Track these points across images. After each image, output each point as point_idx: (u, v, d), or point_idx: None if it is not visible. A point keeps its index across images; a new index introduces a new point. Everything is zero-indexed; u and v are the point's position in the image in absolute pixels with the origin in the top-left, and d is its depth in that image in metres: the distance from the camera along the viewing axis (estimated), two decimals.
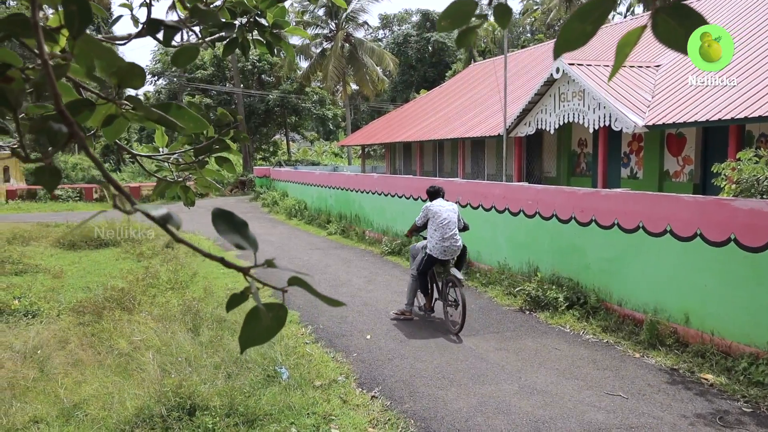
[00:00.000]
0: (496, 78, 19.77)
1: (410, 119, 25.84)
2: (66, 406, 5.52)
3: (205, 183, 3.45)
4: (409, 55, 53.51)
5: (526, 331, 7.65)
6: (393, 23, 68.47)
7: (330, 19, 34.43)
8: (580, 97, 12.75)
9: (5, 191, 27.86)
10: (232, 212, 1.12)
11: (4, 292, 9.47)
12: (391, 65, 34.07)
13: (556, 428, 4.95)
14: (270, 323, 1.17)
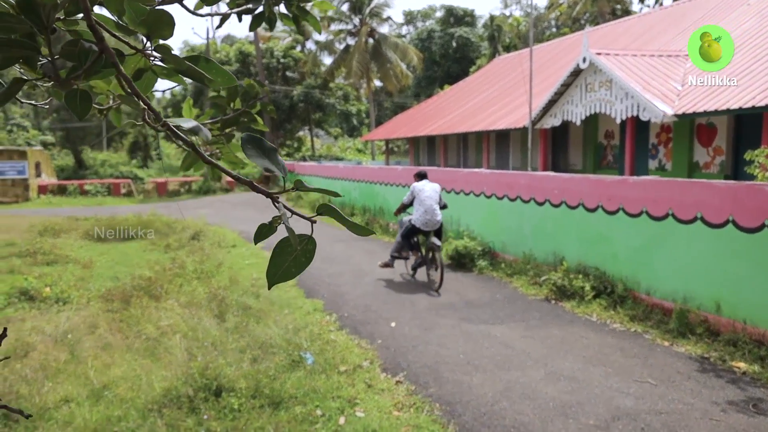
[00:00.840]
0: (522, 70, 19.61)
1: (434, 113, 25.74)
2: (95, 387, 5.62)
3: (232, 158, 3.48)
4: (433, 51, 53.27)
5: (552, 319, 7.57)
6: (417, 19, 68.28)
7: (354, 14, 34.44)
8: (607, 87, 12.56)
9: (37, 186, 28.43)
10: (262, 138, 1.11)
11: (36, 280, 9.66)
12: (415, 59, 33.96)
13: (583, 413, 4.89)
14: (299, 256, 1.16)
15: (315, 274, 10.66)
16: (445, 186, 12.74)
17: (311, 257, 1.16)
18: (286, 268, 1.16)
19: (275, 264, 1.15)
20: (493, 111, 19.72)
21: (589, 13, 45.17)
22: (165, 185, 29.98)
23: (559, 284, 8.43)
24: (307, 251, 1.15)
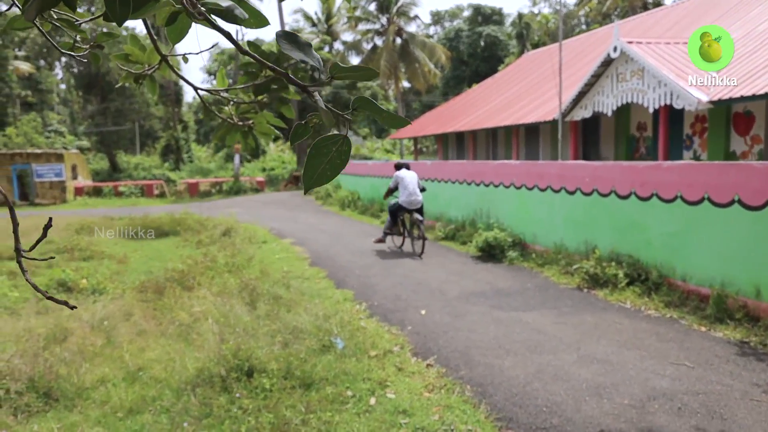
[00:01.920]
0: (551, 65, 19.41)
1: (462, 110, 25.63)
2: (131, 369, 5.72)
3: (264, 129, 3.51)
4: (461, 50, 53.08)
5: (585, 306, 7.46)
6: (444, 19, 68.16)
7: (381, 13, 34.50)
8: (639, 76, 12.35)
9: (73, 188, 29.11)
10: (296, 33, 1.12)
11: (73, 273, 9.89)
12: (443, 58, 33.87)
13: (618, 393, 4.80)
14: (334, 158, 1.16)
15: (345, 266, 10.71)
16: (474, 179, 12.68)
17: (346, 159, 1.15)
18: (322, 171, 1.15)
19: (311, 167, 1.14)
20: (523, 105, 19.55)
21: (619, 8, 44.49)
22: (196, 186, 30.43)
23: (591, 273, 8.31)
24: (342, 152, 1.14)
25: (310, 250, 12.81)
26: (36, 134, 35.69)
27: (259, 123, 3.47)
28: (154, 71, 3.04)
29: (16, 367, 5.38)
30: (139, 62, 3.05)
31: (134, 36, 3.14)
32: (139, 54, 3.05)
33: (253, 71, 3.15)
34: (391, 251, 12.09)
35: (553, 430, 4.30)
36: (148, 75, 3.04)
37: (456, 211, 13.55)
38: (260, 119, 3.42)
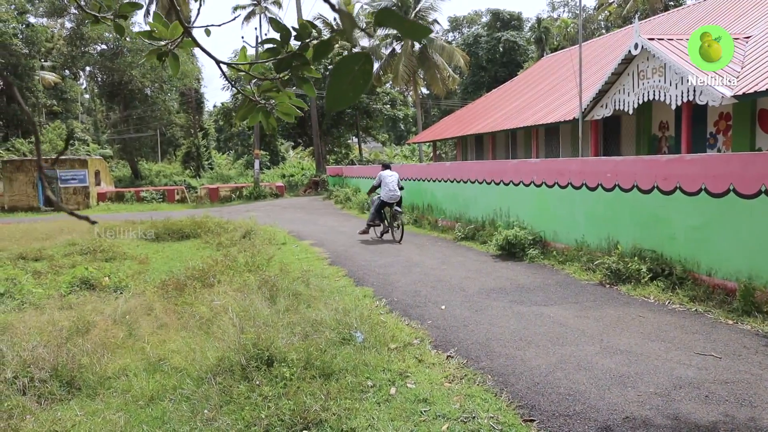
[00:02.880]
0: (571, 66, 19.29)
1: (482, 113, 25.56)
2: (152, 360, 5.75)
3: (286, 109, 3.51)
4: (480, 56, 53.01)
5: (607, 301, 7.35)
6: (462, 25, 68.16)
7: None
8: (660, 73, 12.20)
9: (96, 194, 29.52)
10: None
11: (96, 271, 10.01)
12: (461, 62, 33.81)
13: (642, 382, 4.71)
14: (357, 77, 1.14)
15: (364, 265, 10.69)
16: (494, 178, 12.61)
17: (369, 79, 1.14)
18: (344, 91, 1.14)
19: (334, 86, 1.13)
20: (543, 107, 19.44)
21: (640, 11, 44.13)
22: (217, 191, 30.68)
23: (613, 268, 8.19)
24: (365, 72, 1.13)
25: (330, 250, 12.82)
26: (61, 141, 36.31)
27: (280, 102, 3.48)
28: (176, 46, 3.06)
29: (40, 356, 5.44)
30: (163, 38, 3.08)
31: (158, 14, 3.17)
32: (163, 30, 3.08)
33: (275, 47, 3.16)
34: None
35: (577, 416, 4.23)
36: (171, 52, 3.07)
37: (475, 212, 13.48)
38: (282, 98, 3.42)
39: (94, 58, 39.06)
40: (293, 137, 43.09)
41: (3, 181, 29.10)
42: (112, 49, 38.13)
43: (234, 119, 5.52)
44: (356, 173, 25.75)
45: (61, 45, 42.80)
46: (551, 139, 19.83)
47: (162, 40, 3.03)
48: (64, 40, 42.30)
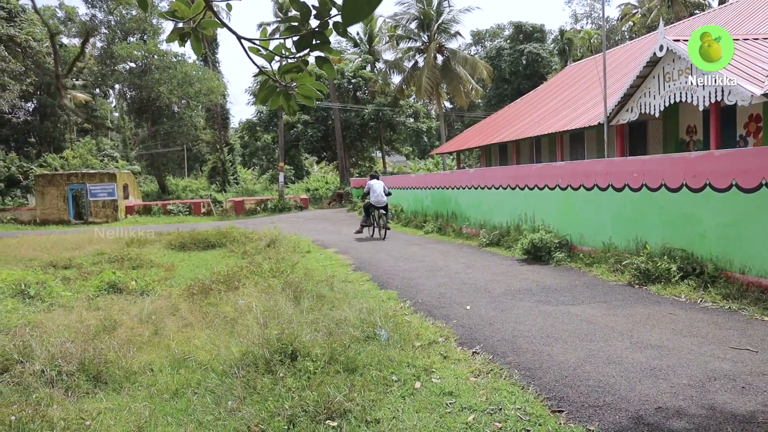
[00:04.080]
0: (596, 73, 19.13)
1: (505, 123, 25.46)
2: (177, 356, 5.77)
3: (307, 91, 3.52)
4: (503, 69, 52.87)
5: (637, 300, 7.20)
6: (485, 38, 68.17)
7: (422, 31, 34.72)
8: (687, 74, 12.02)
9: (124, 207, 29.99)
10: None
11: (123, 276, 10.13)
12: (485, 73, 33.77)
13: (675, 374, 4.58)
14: None
15: (389, 270, 10.65)
16: (518, 183, 12.50)
17: None
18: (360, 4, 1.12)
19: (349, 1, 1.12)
20: (567, 113, 19.28)
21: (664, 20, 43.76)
22: (242, 204, 30.96)
23: (642, 268, 8.02)
24: None
25: (354, 257, 12.82)
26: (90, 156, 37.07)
27: (301, 84, 3.48)
28: (198, 24, 3.09)
29: (67, 350, 5.50)
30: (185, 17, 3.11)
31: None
32: (185, 9, 3.12)
33: (296, 25, 3.17)
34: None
35: (607, 407, 4.11)
36: (194, 30, 3.10)
37: (500, 217, 13.37)
38: (303, 79, 3.43)
39: (123, 76, 39.91)
40: (317, 151, 43.39)
41: (36, 195, 29.77)
42: (140, 66, 38.94)
43: (255, 102, 5.54)
44: None
45: (91, 64, 43.86)
46: (576, 145, 19.63)
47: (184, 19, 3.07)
48: (95, 60, 43.34)
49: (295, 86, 3.43)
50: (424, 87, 32.71)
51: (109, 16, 41.36)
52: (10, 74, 26.18)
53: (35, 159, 39.00)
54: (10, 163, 36.45)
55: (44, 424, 4.10)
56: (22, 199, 36.33)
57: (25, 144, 41.62)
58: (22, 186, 37.32)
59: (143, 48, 38.35)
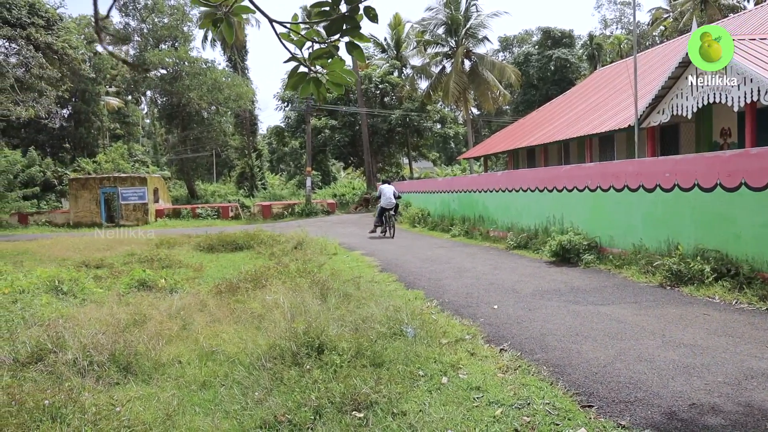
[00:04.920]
0: (626, 76, 18.89)
1: (533, 127, 25.26)
2: (204, 350, 5.81)
3: (337, 78, 3.53)
4: (531, 75, 52.48)
5: (669, 301, 7.05)
6: (513, 45, 67.83)
7: (450, 36, 34.69)
8: (721, 74, 11.79)
9: (154, 211, 30.48)
10: None
11: (153, 274, 10.28)
12: (513, 78, 33.57)
13: (709, 372, 4.47)
14: None
15: (415, 271, 10.63)
16: (547, 185, 12.38)
17: None
18: None
19: None
20: (597, 116, 19.06)
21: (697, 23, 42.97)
22: (270, 208, 31.23)
23: (674, 270, 7.86)
24: None
25: (380, 259, 12.81)
26: (122, 160, 37.79)
27: (331, 72, 3.49)
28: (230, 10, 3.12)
29: (99, 341, 5.59)
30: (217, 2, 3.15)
31: None
32: None
33: (327, 9, 3.19)
34: (463, 260, 11.93)
35: (638, 403, 4.03)
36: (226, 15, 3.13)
37: (528, 220, 13.25)
38: (333, 66, 3.43)
39: (155, 82, 40.66)
40: (344, 157, 43.59)
41: (69, 198, 30.43)
42: (171, 73, 39.64)
43: (285, 89, 5.57)
44: (407, 188, 25.76)
45: (124, 71, 44.81)
46: (605, 149, 19.37)
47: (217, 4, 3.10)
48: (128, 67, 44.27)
49: (325, 73, 3.44)
50: (451, 92, 32.65)
51: (141, 24, 42.23)
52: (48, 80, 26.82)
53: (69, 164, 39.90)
54: (46, 167, 37.32)
55: (76, 408, 4.17)
56: (56, 203, 37.18)
57: (60, 149, 42.61)
58: (56, 190, 38.19)
59: (174, 55, 39.03)
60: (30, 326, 6.66)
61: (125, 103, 52.31)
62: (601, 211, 10.49)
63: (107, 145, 45.35)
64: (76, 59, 30.29)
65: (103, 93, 46.59)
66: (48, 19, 28.58)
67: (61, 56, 28.60)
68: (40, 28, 27.12)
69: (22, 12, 26.71)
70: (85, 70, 33.88)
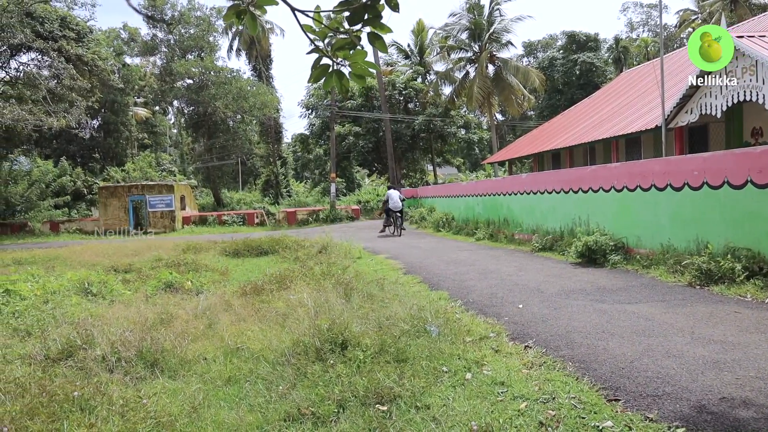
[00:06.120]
0: (653, 77, 18.65)
1: (558, 130, 25.06)
2: (230, 347, 5.86)
3: (360, 70, 3.55)
4: (555, 79, 52.07)
5: (698, 300, 6.91)
6: (537, 50, 67.44)
7: (473, 41, 34.63)
8: (752, 72, 11.56)
9: (181, 218, 30.89)
10: None
11: (179, 276, 10.41)
12: (537, 82, 33.36)
13: (741, 368, 4.37)
14: None
15: (439, 273, 10.59)
16: (572, 186, 12.25)
17: None
18: None
19: None
20: (623, 118, 18.83)
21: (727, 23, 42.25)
22: (294, 214, 31.43)
23: (704, 269, 7.71)
24: None
25: (405, 262, 12.80)
26: (150, 169, 38.41)
27: (354, 63, 3.51)
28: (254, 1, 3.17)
29: (126, 339, 5.68)
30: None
31: None
32: None
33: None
34: (487, 262, 11.86)
35: (667, 396, 3.95)
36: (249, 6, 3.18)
37: (553, 222, 13.12)
38: (355, 57, 3.46)
39: (182, 92, 41.31)
40: (368, 164, 43.71)
41: (99, 206, 31.02)
42: (197, 82, 40.25)
43: (308, 81, 5.67)
44: (431, 193, 25.72)
45: (152, 82, 45.62)
46: (632, 150, 19.11)
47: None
48: (155, 77, 45.09)
49: (348, 65, 3.46)
50: (475, 97, 32.57)
51: (168, 35, 42.99)
52: (78, 91, 27.42)
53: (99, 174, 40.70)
54: (76, 177, 38.12)
55: (104, 400, 4.23)
56: (86, 211, 37.94)
57: (90, 159, 43.50)
58: (86, 199, 38.97)
59: (200, 65, 39.63)
60: (60, 325, 6.80)
61: (153, 113, 53.25)
62: (628, 212, 10.34)
63: (135, 155, 46.17)
64: (105, 70, 30.93)
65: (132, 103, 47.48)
66: (78, 32, 29.26)
67: (91, 67, 29.23)
68: (71, 41, 27.77)
69: (54, 25, 27.39)
70: (114, 80, 34.55)
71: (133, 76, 44.52)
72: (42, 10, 27.18)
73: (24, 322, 7.22)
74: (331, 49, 3.37)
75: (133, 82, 44.82)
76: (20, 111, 22.68)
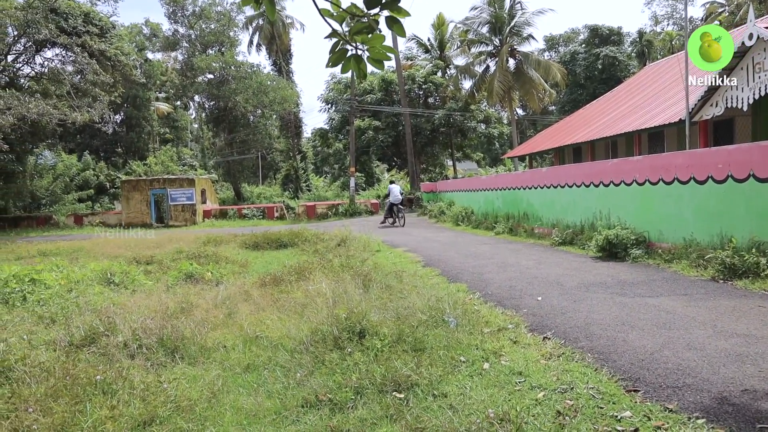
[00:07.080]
0: (678, 70, 18.36)
1: (579, 125, 24.81)
2: (249, 336, 5.92)
3: (378, 54, 3.55)
4: (577, 74, 51.56)
5: (721, 294, 6.81)
6: (559, 44, 66.80)
7: (494, 35, 34.39)
8: None
9: (202, 211, 31.17)
10: None
11: (200, 267, 10.52)
12: (558, 76, 33.01)
13: (764, 361, 4.32)
14: None
15: (458, 266, 10.56)
16: (593, 180, 12.13)
17: None
18: None
19: None
20: (646, 112, 18.58)
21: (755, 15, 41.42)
22: (314, 208, 31.54)
23: (728, 263, 7.60)
24: None
25: (423, 255, 12.79)
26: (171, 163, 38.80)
27: (372, 48, 3.51)
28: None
29: (147, 326, 5.76)
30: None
31: None
32: None
33: None
34: (506, 255, 11.80)
35: (687, 388, 3.91)
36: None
37: (573, 216, 13.01)
38: (373, 41, 3.45)
39: (202, 87, 41.63)
40: (388, 159, 43.67)
41: (121, 200, 31.43)
42: (218, 77, 40.52)
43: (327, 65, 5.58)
44: (451, 187, 25.64)
45: (173, 77, 46.04)
46: (655, 145, 18.85)
47: None
48: (177, 72, 45.49)
49: (366, 49, 3.46)
50: (495, 91, 32.34)
51: (189, 31, 43.32)
52: (101, 86, 27.77)
53: (121, 168, 41.24)
54: (99, 171, 38.69)
55: (126, 384, 4.30)
56: (109, 205, 38.49)
57: (112, 154, 44.10)
58: (109, 193, 39.53)
59: (221, 60, 39.88)
60: (83, 312, 6.92)
61: (174, 108, 53.77)
62: (650, 205, 10.22)
63: (157, 149, 46.66)
64: (127, 65, 31.27)
65: (153, 98, 47.99)
66: (101, 27, 29.60)
67: (114, 63, 29.56)
68: (95, 36, 28.11)
69: (78, 21, 27.74)
70: (136, 76, 34.95)
71: (155, 72, 44.99)
72: (66, 6, 27.56)
73: (49, 309, 7.37)
74: (349, 33, 3.37)
75: (155, 77, 45.29)
76: (45, 106, 23.02)
